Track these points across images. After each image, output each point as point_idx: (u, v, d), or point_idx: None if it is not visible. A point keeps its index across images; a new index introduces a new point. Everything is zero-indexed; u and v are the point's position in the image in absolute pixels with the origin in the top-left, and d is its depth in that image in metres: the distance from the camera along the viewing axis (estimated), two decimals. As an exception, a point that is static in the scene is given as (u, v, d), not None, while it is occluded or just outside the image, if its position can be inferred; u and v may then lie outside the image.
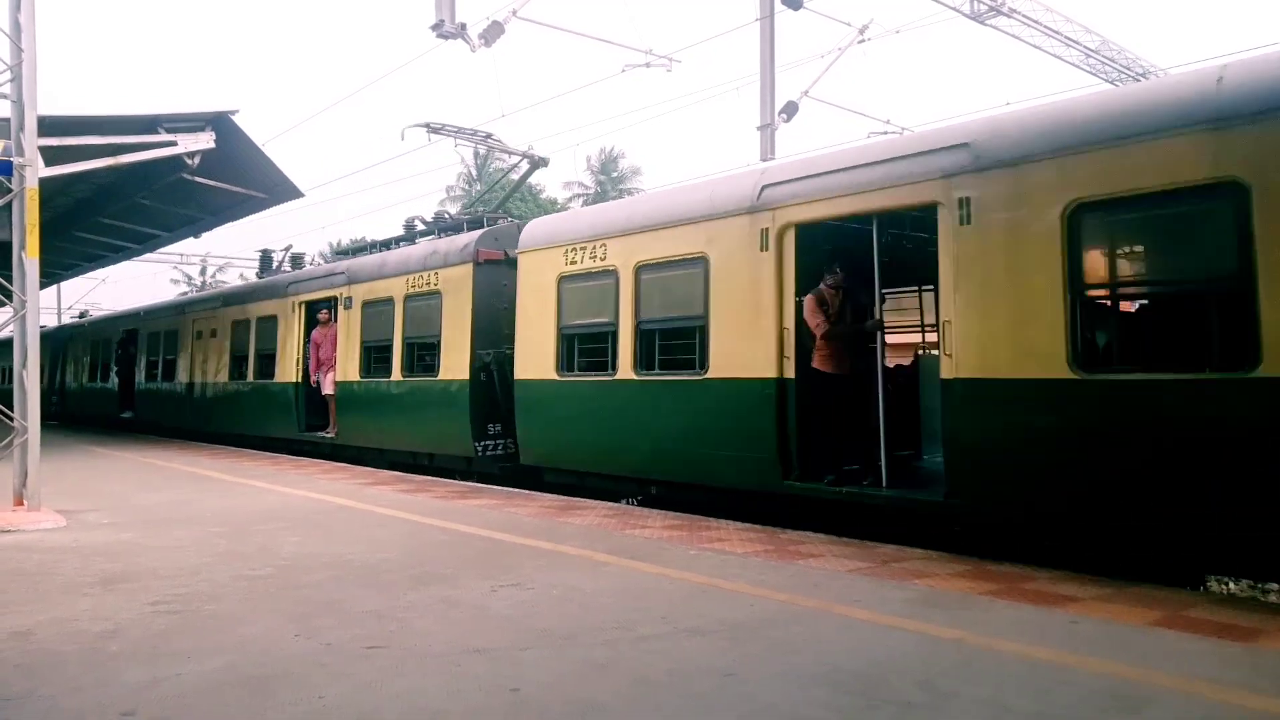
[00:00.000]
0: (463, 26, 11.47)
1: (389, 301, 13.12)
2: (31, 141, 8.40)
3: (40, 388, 27.67)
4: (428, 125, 13.20)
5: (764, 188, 8.26)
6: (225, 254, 45.10)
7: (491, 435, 11.50)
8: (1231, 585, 6.06)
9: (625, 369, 9.31)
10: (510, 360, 11.02)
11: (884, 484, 7.55)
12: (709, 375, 8.49)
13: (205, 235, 22.26)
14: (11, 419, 8.48)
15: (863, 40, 15.71)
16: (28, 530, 7.67)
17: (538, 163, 13.99)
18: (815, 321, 8.01)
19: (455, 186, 52.21)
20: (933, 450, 8.65)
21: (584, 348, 9.95)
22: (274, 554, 6.59)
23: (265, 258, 19.81)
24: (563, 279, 10.15)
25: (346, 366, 13.98)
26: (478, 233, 12.10)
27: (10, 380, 33.35)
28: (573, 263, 10.04)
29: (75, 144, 11.52)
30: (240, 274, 42.29)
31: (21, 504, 8.39)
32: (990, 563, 6.15)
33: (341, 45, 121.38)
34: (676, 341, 9.03)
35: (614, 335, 9.45)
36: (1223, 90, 5.68)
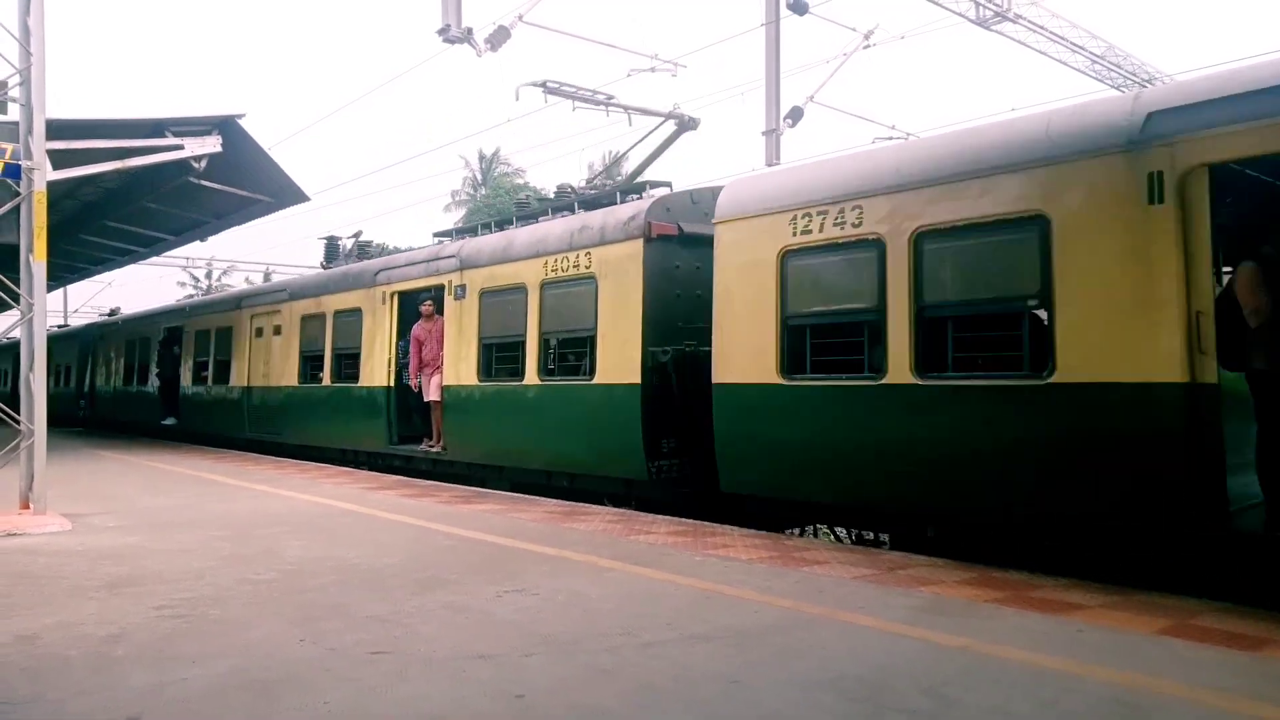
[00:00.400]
0: (469, 31, 11.50)
1: (518, 289, 10.86)
2: (39, 145, 8.44)
3: (67, 391, 26.42)
4: (544, 84, 11.36)
5: (1151, 114, 5.93)
6: (230, 258, 45.29)
7: (666, 453, 9.31)
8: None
9: (900, 370, 6.94)
10: (696, 359, 8.97)
11: None
12: (1054, 379, 6.13)
13: (211, 239, 22.38)
14: (18, 422, 8.50)
15: (868, 45, 15.73)
16: (33, 533, 7.69)
17: (686, 123, 11.48)
18: (1255, 303, 5.81)
19: (460, 192, 52.35)
20: None
21: (823, 343, 7.68)
22: (278, 558, 6.59)
23: (331, 245, 17.29)
24: (788, 255, 7.78)
25: (458, 368, 11.76)
26: (645, 202, 9.83)
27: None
28: (804, 232, 7.68)
29: (82, 147, 11.55)
30: (246, 278, 42.42)
31: (28, 507, 8.41)
32: (996, 570, 6.14)
33: (347, 51, 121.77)
34: (983, 333, 6.81)
35: (877, 326, 7.17)
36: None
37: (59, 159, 10.13)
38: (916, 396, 6.88)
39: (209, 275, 52.15)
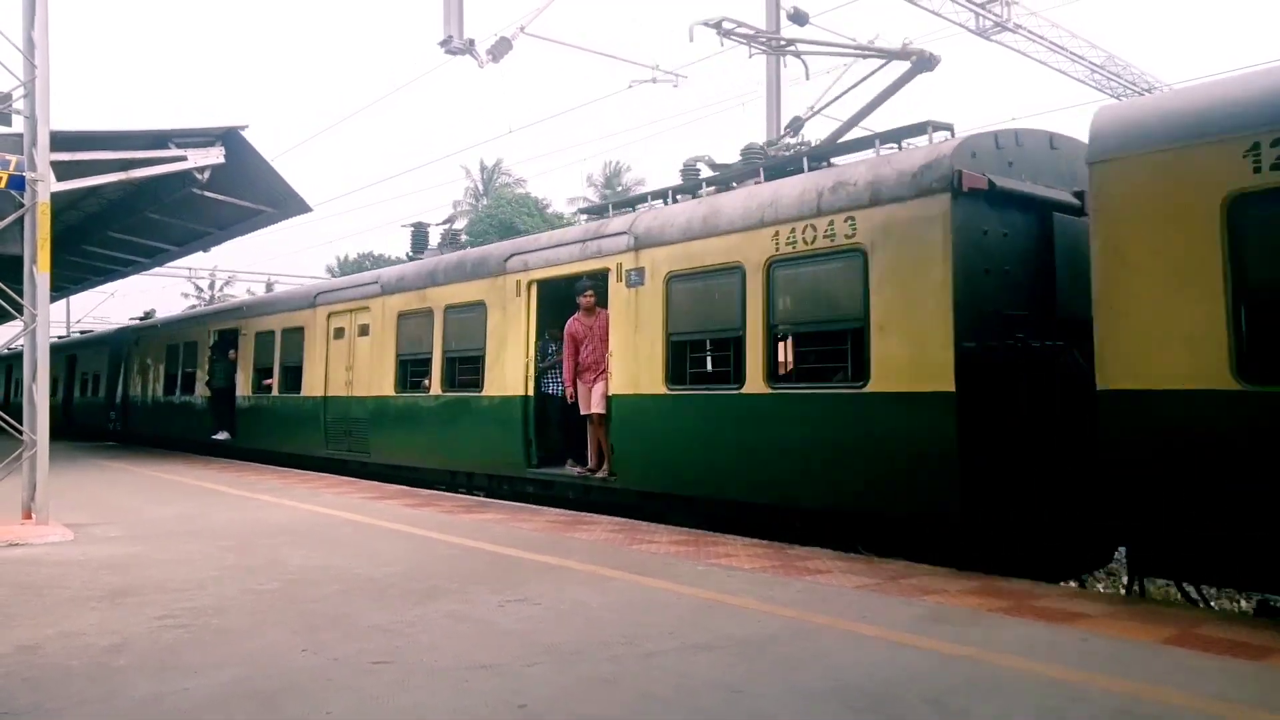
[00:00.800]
0: (471, 43, 11.55)
1: (730, 271, 8.46)
2: (44, 157, 8.48)
3: (94, 401, 25.50)
4: (719, 25, 9.93)
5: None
6: (233, 268, 45.39)
7: (1007, 487, 6.67)
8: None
9: None
10: (1051, 359, 6.61)
11: None
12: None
13: (214, 249, 22.38)
14: (20, 433, 8.51)
15: (867, 56, 15.74)
16: (35, 544, 7.69)
17: (924, 61, 9.34)
18: None
19: (462, 202, 52.52)
20: None
21: None
22: (281, 568, 6.58)
23: (419, 234, 15.20)
24: (1239, 200, 5.22)
25: (635, 372, 9.38)
26: (946, 144, 7.42)
27: (14, 395, 30.46)
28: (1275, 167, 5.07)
29: (86, 159, 11.62)
30: (248, 289, 42.48)
31: (30, 517, 8.42)
32: (1000, 579, 6.12)
33: (349, 63, 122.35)
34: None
35: None
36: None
37: (63, 170, 10.18)
38: None
39: (211, 285, 52.28)
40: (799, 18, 14.76)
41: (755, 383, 8.12)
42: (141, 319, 27.39)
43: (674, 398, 9.01)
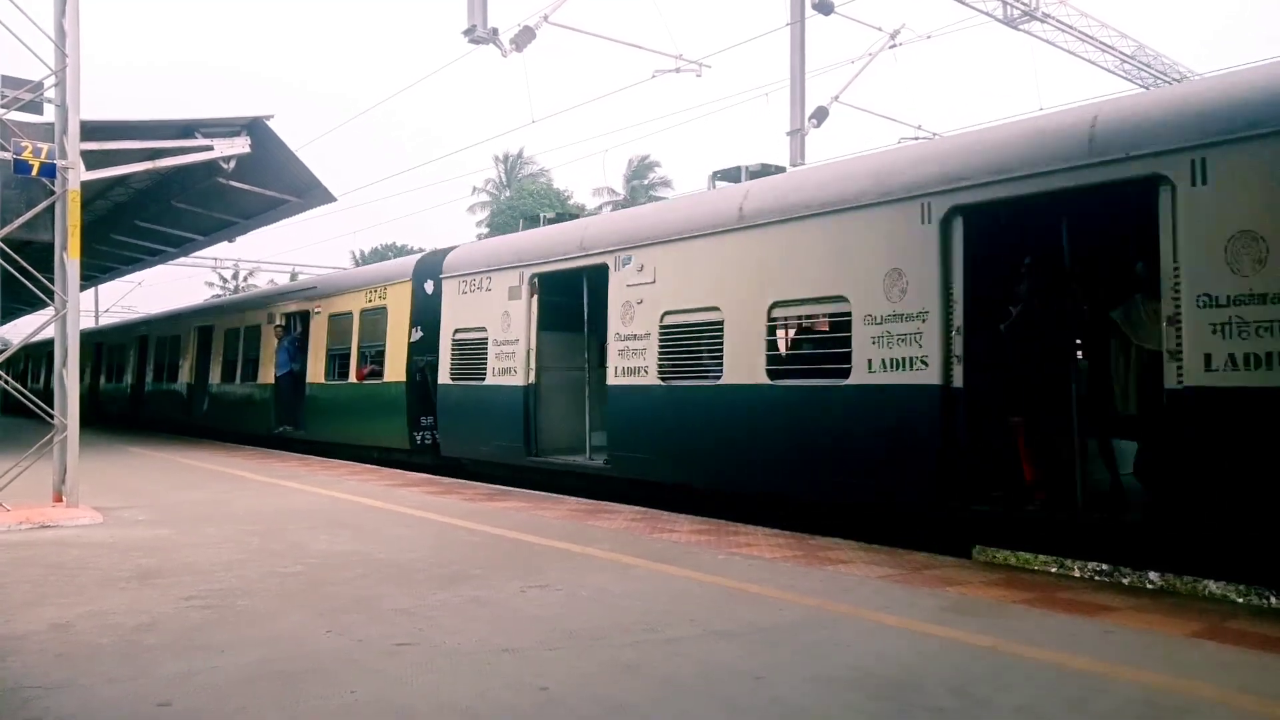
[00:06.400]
0: (494, 31, 11.57)
1: None
2: (74, 145, 8.58)
3: (168, 390, 22.83)
4: None
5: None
6: (257, 258, 45.84)
7: None
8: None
9: None
10: None
11: None
12: None
13: (239, 239, 22.60)
14: (52, 417, 8.64)
15: (894, 45, 15.63)
16: (66, 526, 7.82)
17: None
18: None
19: (482, 191, 52.64)
20: None
21: None
22: (305, 552, 6.65)
23: (562, 217, 13.05)
24: None
25: None
26: None
27: (94, 379, 30.02)
28: None
29: (115, 148, 11.75)
30: (271, 279, 42.93)
31: (60, 500, 8.55)
32: (1024, 572, 6.07)
33: (373, 54, 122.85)
34: None
35: None
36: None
37: (92, 160, 10.31)
38: None
39: (236, 275, 52.82)
40: (824, 7, 14.67)
41: None
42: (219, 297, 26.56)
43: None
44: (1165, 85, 19.26)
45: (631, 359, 9.74)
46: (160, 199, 16.59)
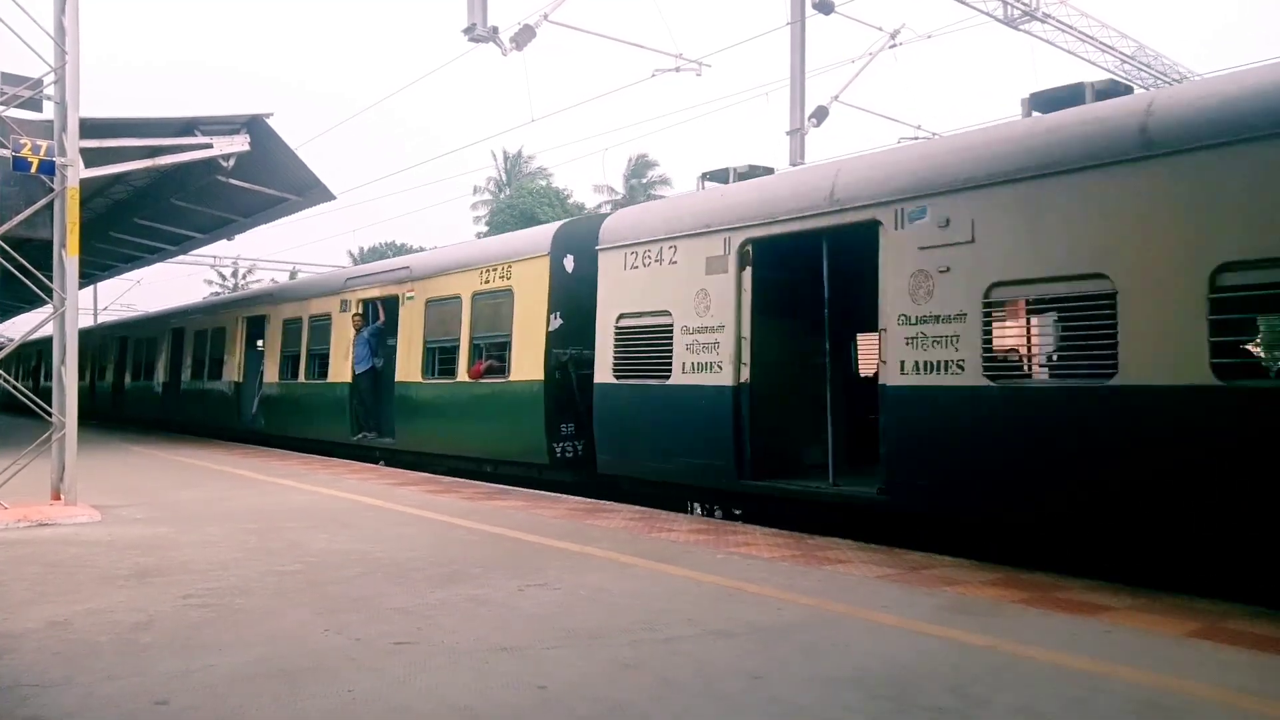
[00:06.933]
0: (494, 30, 11.55)
1: None
2: (73, 142, 8.57)
3: (213, 390, 20.04)
4: None
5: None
6: (256, 256, 45.82)
7: None
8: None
9: None
10: None
11: None
12: None
13: (238, 237, 22.55)
14: (50, 415, 8.63)
15: (894, 45, 15.62)
16: (64, 524, 7.81)
17: None
18: None
19: (484, 189, 52.63)
20: None
21: None
22: (304, 551, 6.65)
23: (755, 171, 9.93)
24: None
25: None
26: None
27: (100, 377, 28.30)
28: None
29: (114, 146, 11.74)
30: (271, 278, 42.90)
31: (58, 498, 8.55)
32: (1022, 571, 6.07)
33: (373, 52, 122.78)
34: None
35: None
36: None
37: (91, 157, 10.30)
38: None
39: (235, 273, 52.82)
40: (824, 6, 14.67)
41: None
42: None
43: None
44: (1165, 85, 19.29)
45: (931, 350, 7.09)
46: (159, 197, 16.58)
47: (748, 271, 8.59)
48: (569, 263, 11.10)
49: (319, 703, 3.48)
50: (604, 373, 9.96)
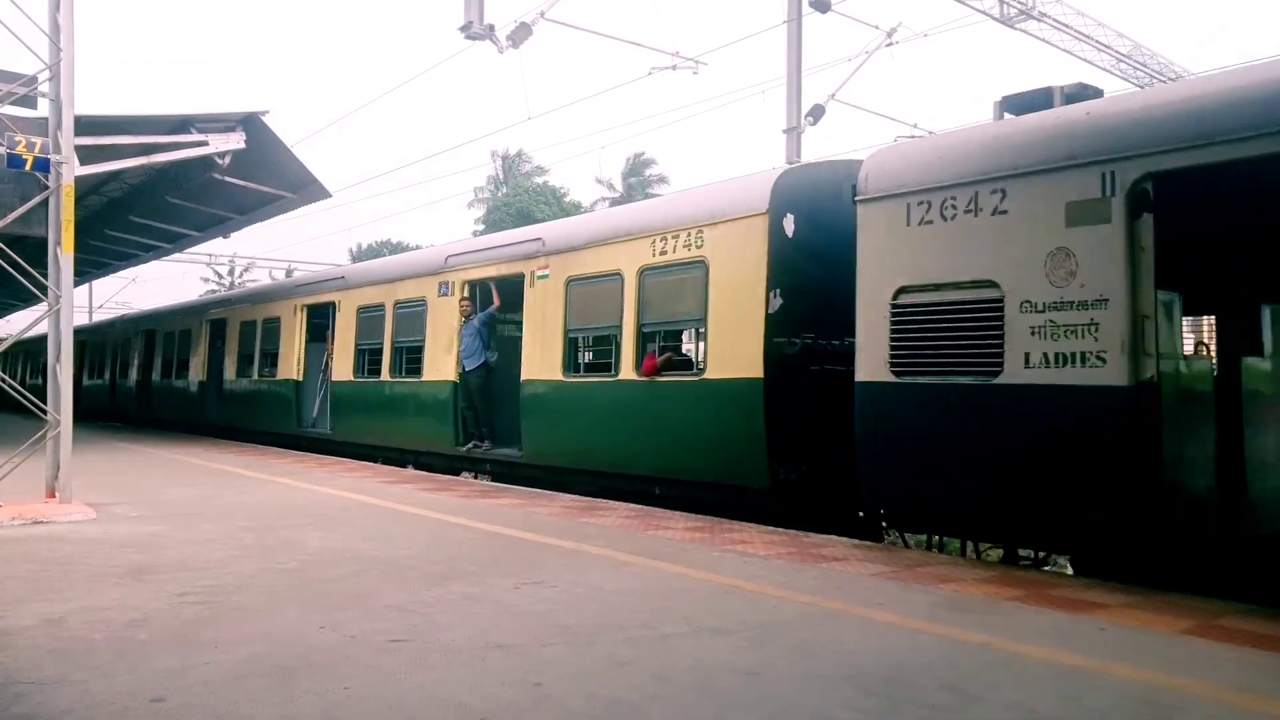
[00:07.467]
0: (491, 28, 11.55)
1: None
2: (68, 139, 8.55)
3: (272, 390, 17.63)
4: None
5: None
6: (251, 254, 45.71)
7: None
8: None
9: None
10: None
11: None
12: None
13: (234, 235, 22.46)
14: (45, 413, 8.61)
15: (890, 44, 15.64)
16: (59, 521, 7.79)
17: None
18: None
19: (483, 188, 52.60)
20: None
21: None
22: (299, 548, 6.64)
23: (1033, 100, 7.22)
24: None
25: None
26: None
27: (122, 375, 25.99)
28: None
29: (109, 143, 11.71)
30: (270, 273, 42.83)
31: (53, 496, 8.53)
32: (1016, 569, 6.09)
33: (369, 50, 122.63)
34: None
35: None
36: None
37: (86, 154, 10.26)
38: None
39: (231, 271, 52.72)
40: (820, 4, 14.67)
41: None
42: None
43: None
44: (1163, 83, 19.32)
45: None
46: (155, 194, 16.53)
47: (1146, 220, 5.88)
48: (788, 224, 8.67)
49: (314, 700, 3.48)
50: (873, 367, 7.20)
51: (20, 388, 8.81)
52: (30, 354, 32.37)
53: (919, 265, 7.02)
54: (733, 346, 8.76)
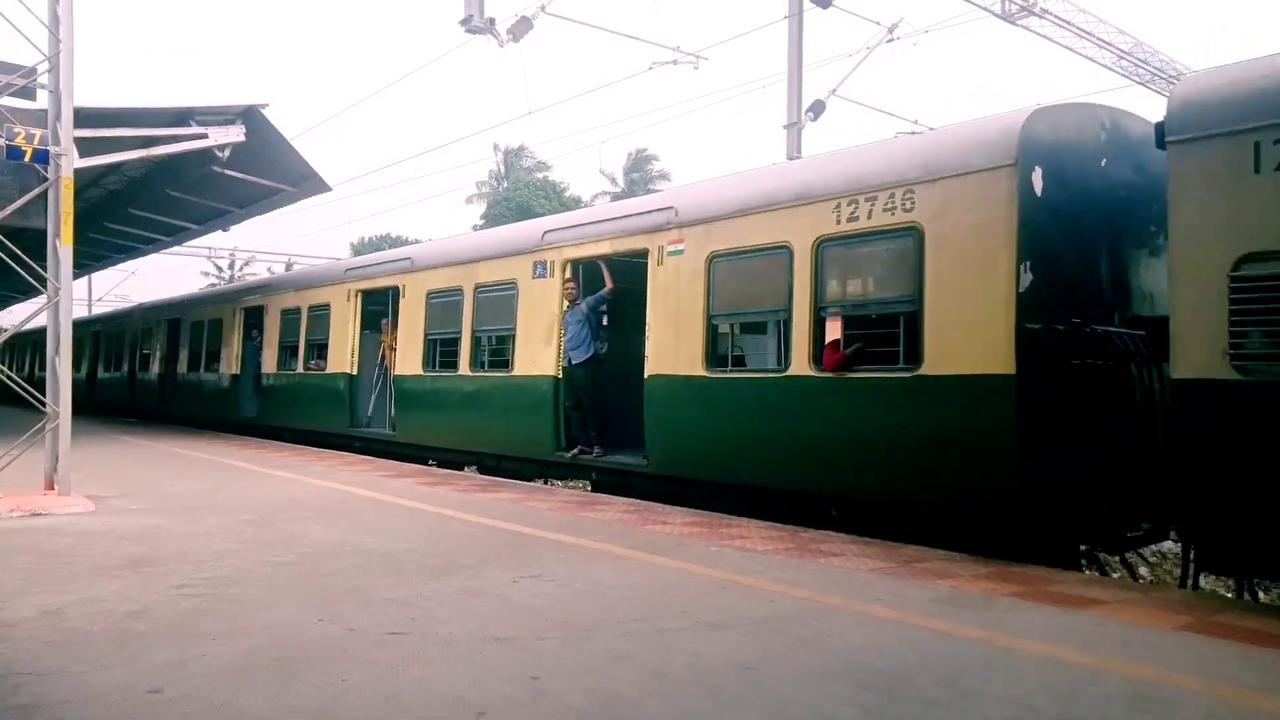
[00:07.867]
0: (491, 22, 11.54)
1: None
2: (68, 131, 8.53)
3: (325, 385, 15.48)
4: None
5: None
6: (251, 248, 45.69)
7: None
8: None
9: None
10: None
11: None
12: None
13: (233, 228, 22.40)
14: (44, 405, 8.61)
15: (891, 39, 15.62)
16: (58, 514, 7.80)
17: None
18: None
19: (485, 183, 52.53)
20: None
21: None
22: (298, 542, 6.65)
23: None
24: None
25: None
26: None
27: (142, 368, 24.76)
28: None
29: (109, 135, 11.68)
30: (268, 268, 42.80)
31: (52, 488, 8.53)
32: (1014, 565, 6.10)
33: (369, 43, 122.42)
34: None
35: None
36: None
37: (85, 146, 10.26)
38: None
39: (231, 265, 52.68)
40: (822, 0, 14.64)
41: None
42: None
43: None
44: (1166, 81, 19.30)
45: None
46: (154, 187, 16.51)
47: None
48: (1036, 178, 6.82)
49: (312, 692, 3.48)
50: (1204, 361, 5.37)
51: (18, 379, 8.81)
52: (38, 345, 31.45)
53: (1274, 225, 5.18)
54: (963, 334, 6.92)
